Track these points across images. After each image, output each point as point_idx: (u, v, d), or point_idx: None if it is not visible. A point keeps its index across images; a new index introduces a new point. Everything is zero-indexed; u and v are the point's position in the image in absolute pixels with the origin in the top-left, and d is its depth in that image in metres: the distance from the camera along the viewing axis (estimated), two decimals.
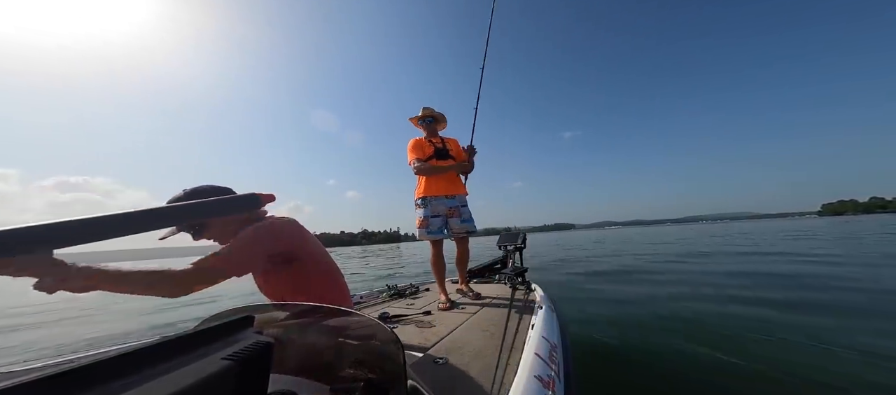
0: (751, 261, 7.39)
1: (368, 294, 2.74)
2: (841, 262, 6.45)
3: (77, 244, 0.55)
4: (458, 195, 2.59)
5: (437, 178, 2.54)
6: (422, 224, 2.51)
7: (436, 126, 2.71)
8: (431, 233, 2.48)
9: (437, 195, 2.52)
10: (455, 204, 2.56)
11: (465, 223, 2.56)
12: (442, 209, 2.52)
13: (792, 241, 11.71)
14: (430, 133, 2.66)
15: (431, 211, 2.50)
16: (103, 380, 0.25)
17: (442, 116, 2.69)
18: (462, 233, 2.57)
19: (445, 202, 2.53)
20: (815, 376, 1.96)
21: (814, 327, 2.80)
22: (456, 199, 2.57)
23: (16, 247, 0.50)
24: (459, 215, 2.55)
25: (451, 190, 2.55)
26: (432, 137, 2.64)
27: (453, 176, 2.61)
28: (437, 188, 2.53)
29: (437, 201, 2.52)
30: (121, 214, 0.62)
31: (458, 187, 2.62)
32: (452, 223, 2.54)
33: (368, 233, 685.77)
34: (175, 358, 0.30)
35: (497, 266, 3.67)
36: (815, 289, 4.22)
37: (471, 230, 2.60)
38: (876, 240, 10.74)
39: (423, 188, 2.55)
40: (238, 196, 1.03)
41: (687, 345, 2.53)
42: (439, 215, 2.52)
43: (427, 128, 2.66)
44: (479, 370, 1.13)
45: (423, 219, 2.50)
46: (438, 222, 2.51)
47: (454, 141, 2.72)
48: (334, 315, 0.58)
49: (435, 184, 2.53)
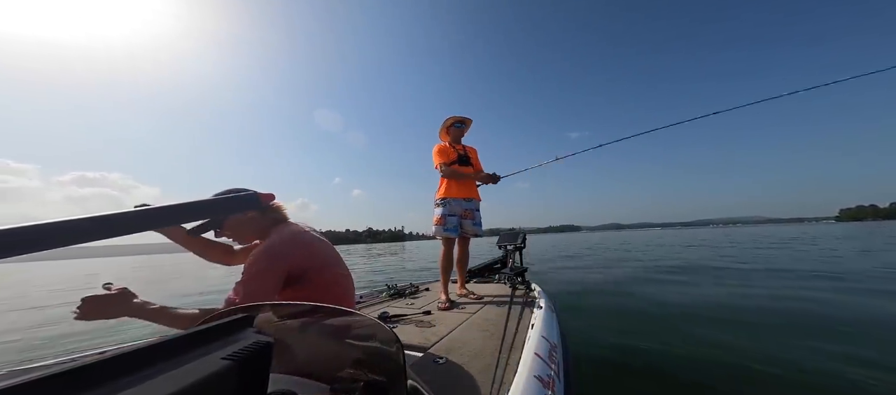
0: (737, 264, 7.40)
1: (368, 294, 2.74)
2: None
3: (85, 242, 0.56)
4: (473, 199, 2.81)
5: (459, 182, 2.75)
6: (439, 222, 2.69)
7: (463, 131, 2.93)
8: (447, 231, 2.66)
9: (458, 197, 2.73)
10: (471, 207, 2.78)
11: (475, 226, 2.78)
12: (459, 210, 2.73)
13: (776, 250, 11.65)
14: (455, 139, 2.87)
15: (450, 210, 2.69)
16: (103, 380, 0.25)
17: (469, 120, 2.92)
18: (471, 234, 2.78)
19: (463, 204, 2.74)
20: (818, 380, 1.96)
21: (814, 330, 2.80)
22: (472, 202, 2.79)
23: (37, 243, 0.51)
24: (473, 218, 2.77)
25: (469, 194, 2.79)
26: (456, 144, 2.87)
27: (472, 182, 2.84)
28: (458, 191, 2.74)
29: (457, 203, 2.73)
30: (125, 213, 0.62)
31: (474, 193, 2.84)
32: (465, 224, 2.74)
33: (373, 231, 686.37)
34: (175, 358, 0.30)
35: (497, 266, 3.67)
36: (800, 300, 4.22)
37: (478, 233, 2.80)
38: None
39: (445, 190, 2.76)
40: (238, 196, 1.03)
41: (687, 346, 2.53)
42: (455, 214, 2.72)
43: (455, 133, 2.87)
44: (479, 370, 1.12)
45: (440, 217, 2.69)
46: (454, 220, 2.70)
47: (474, 150, 2.95)
48: (334, 315, 0.58)
49: (457, 187, 2.74)
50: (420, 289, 2.99)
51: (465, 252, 2.82)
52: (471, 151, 2.91)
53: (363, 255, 23.27)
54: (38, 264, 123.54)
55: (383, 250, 35.21)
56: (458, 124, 2.86)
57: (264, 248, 1.07)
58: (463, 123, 2.88)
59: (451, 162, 2.74)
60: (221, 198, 0.98)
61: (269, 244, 1.08)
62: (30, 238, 0.48)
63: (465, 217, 2.74)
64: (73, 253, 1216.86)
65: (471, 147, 2.95)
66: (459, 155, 2.79)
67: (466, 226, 2.74)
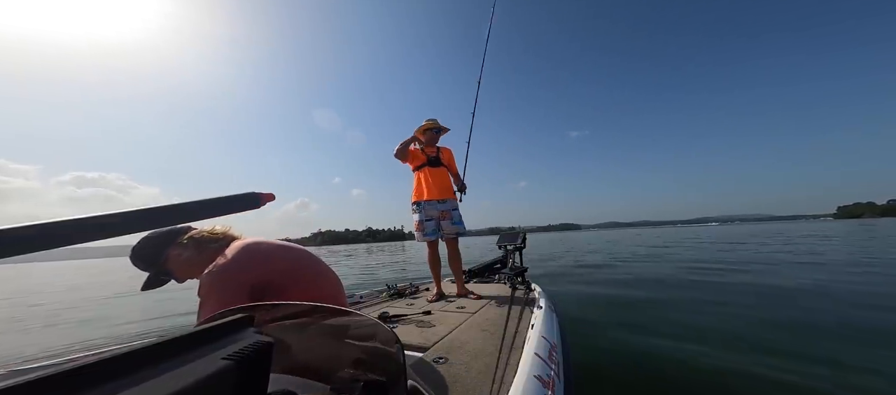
0: (738, 260, 7.40)
1: (368, 294, 2.75)
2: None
3: (85, 242, 0.56)
4: (448, 200, 2.83)
5: (429, 183, 2.78)
6: (418, 228, 2.77)
7: (438, 137, 2.96)
8: (427, 235, 2.74)
9: (430, 199, 2.76)
10: (446, 208, 2.80)
11: (455, 225, 2.81)
12: (434, 213, 2.77)
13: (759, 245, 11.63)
14: (429, 141, 2.89)
15: (426, 215, 2.75)
16: (103, 380, 0.25)
17: (444, 129, 2.96)
18: (452, 234, 2.81)
19: (437, 206, 2.78)
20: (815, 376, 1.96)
21: (814, 329, 2.80)
22: (447, 203, 2.81)
23: (37, 243, 0.51)
24: (451, 218, 2.79)
25: (443, 195, 2.81)
26: (428, 147, 2.89)
27: (445, 184, 2.85)
28: (430, 193, 2.77)
29: (430, 206, 2.76)
30: (125, 213, 0.62)
31: (449, 193, 2.86)
32: (444, 225, 2.77)
33: (373, 231, 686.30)
34: (175, 358, 0.30)
35: (497, 266, 3.67)
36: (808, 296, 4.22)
37: (461, 232, 2.83)
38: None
39: (416, 192, 2.81)
40: (238, 195, 1.03)
41: (687, 346, 2.53)
42: (432, 218, 2.77)
43: (430, 137, 2.89)
44: (479, 370, 1.12)
45: (419, 223, 2.77)
46: (432, 224, 2.76)
47: (448, 151, 3.00)
48: (334, 315, 0.58)
49: (428, 189, 2.78)
50: (420, 289, 2.99)
51: (456, 251, 2.83)
52: (445, 151, 2.95)
53: (363, 255, 23.30)
54: (39, 264, 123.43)
55: (384, 249, 35.24)
56: (434, 130, 2.88)
57: (212, 276, 0.99)
58: (439, 129, 2.90)
59: (418, 166, 2.81)
60: (221, 198, 0.98)
61: (214, 273, 1.00)
62: (30, 238, 0.48)
63: (442, 219, 2.76)
64: (73, 253, 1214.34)
65: (445, 148, 2.98)
66: (430, 157, 2.83)
67: (446, 227, 2.76)
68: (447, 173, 2.88)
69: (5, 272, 36.41)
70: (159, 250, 1.15)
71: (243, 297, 0.97)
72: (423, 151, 2.86)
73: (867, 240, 12.53)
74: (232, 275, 1.00)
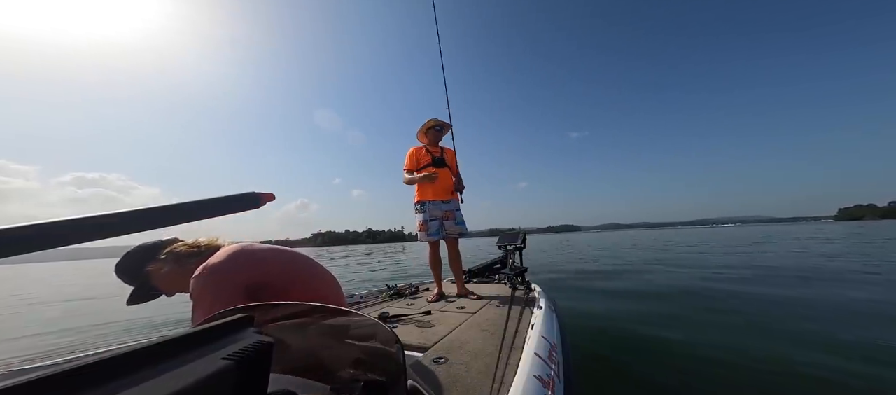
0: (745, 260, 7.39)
1: (368, 294, 2.75)
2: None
3: (85, 242, 0.56)
4: (452, 200, 2.85)
5: (434, 183, 2.75)
6: (422, 228, 2.77)
7: (441, 135, 2.95)
8: (431, 235, 2.75)
9: (434, 200, 2.78)
10: (450, 208, 2.82)
11: (458, 225, 2.82)
12: (438, 213, 2.78)
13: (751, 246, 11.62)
14: (433, 141, 2.90)
15: (429, 215, 2.76)
16: (103, 380, 0.25)
17: (447, 125, 2.93)
18: (455, 235, 2.82)
19: (441, 206, 2.79)
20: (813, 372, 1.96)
21: (814, 325, 2.80)
22: (451, 203, 2.83)
23: (37, 243, 0.50)
24: (454, 218, 2.81)
25: (446, 196, 2.82)
26: (432, 147, 2.90)
27: (448, 184, 2.83)
28: (434, 194, 2.78)
29: (434, 206, 2.77)
30: (125, 213, 0.62)
31: (452, 194, 2.87)
32: (447, 225, 2.79)
33: (373, 232, 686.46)
34: (175, 358, 0.30)
35: (497, 266, 3.67)
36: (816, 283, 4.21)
37: (463, 232, 2.84)
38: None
39: (420, 193, 2.82)
40: (238, 195, 1.02)
41: (687, 345, 2.53)
42: (436, 218, 2.77)
43: (434, 136, 2.89)
44: (479, 370, 1.12)
45: (422, 223, 2.77)
46: (436, 224, 2.77)
47: (451, 152, 2.98)
48: (334, 315, 0.58)
49: (432, 190, 2.78)
50: (420, 289, 2.99)
51: (456, 252, 2.85)
52: (448, 152, 2.96)
53: (363, 255, 23.26)
54: (38, 264, 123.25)
55: (384, 250, 35.20)
56: (437, 128, 2.88)
57: (201, 273, 0.97)
58: (442, 127, 2.91)
59: (422, 166, 2.80)
60: (221, 198, 0.98)
61: (209, 267, 0.97)
62: (29, 238, 0.48)
63: (446, 219, 2.78)
64: (74, 253, 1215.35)
65: (448, 149, 2.99)
66: (434, 158, 2.83)
67: (449, 227, 2.78)
68: (450, 174, 2.88)
69: (4, 273, 36.36)
70: (140, 265, 1.12)
71: (238, 297, 0.95)
72: (428, 151, 2.87)
73: (882, 243, 12.51)
74: (225, 275, 0.98)
